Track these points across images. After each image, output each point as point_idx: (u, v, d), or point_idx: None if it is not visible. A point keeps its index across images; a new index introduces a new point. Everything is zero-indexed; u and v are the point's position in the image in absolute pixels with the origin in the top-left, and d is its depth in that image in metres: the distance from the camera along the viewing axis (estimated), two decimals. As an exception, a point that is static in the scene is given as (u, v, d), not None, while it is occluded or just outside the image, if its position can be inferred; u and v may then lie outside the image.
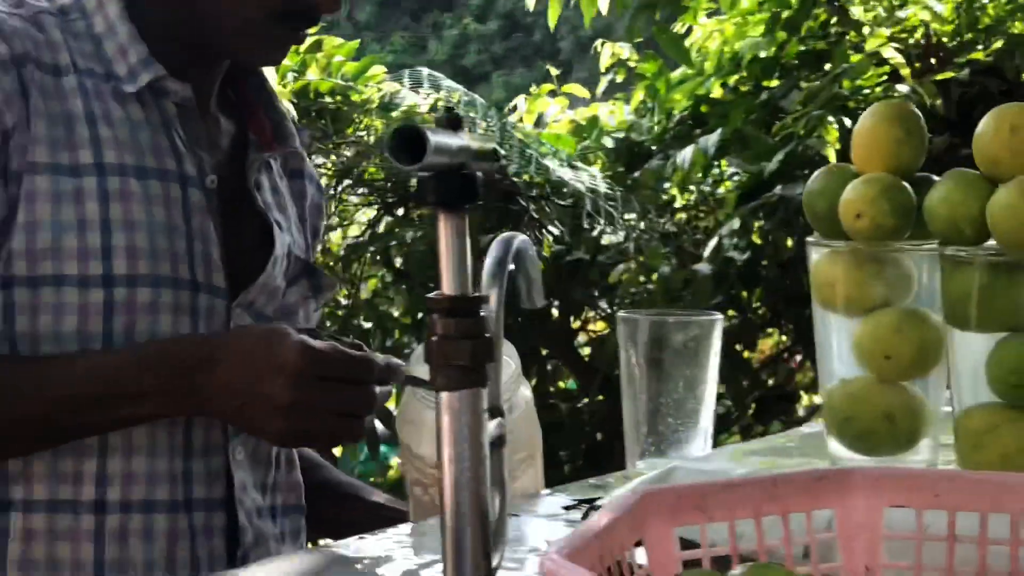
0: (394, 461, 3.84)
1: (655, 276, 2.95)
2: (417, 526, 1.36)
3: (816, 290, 1.11)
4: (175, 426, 1.35)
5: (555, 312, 3.41)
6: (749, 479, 0.94)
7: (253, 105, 1.52)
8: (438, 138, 1.01)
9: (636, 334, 1.44)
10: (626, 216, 3.33)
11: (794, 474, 0.94)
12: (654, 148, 3.81)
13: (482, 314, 1.09)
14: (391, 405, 2.64)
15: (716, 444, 1.46)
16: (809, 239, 1.12)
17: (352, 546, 1.30)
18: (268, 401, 1.25)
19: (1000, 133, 0.99)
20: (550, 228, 3.27)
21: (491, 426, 1.19)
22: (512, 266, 1.17)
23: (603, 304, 3.28)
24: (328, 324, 3.34)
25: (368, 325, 3.48)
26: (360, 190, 3.43)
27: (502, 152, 2.98)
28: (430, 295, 1.10)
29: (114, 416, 1.30)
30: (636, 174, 3.67)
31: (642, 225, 3.38)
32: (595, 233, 2.99)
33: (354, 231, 3.52)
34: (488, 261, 1.21)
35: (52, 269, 1.30)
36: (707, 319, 1.43)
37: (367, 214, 3.46)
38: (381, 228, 3.42)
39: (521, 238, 1.26)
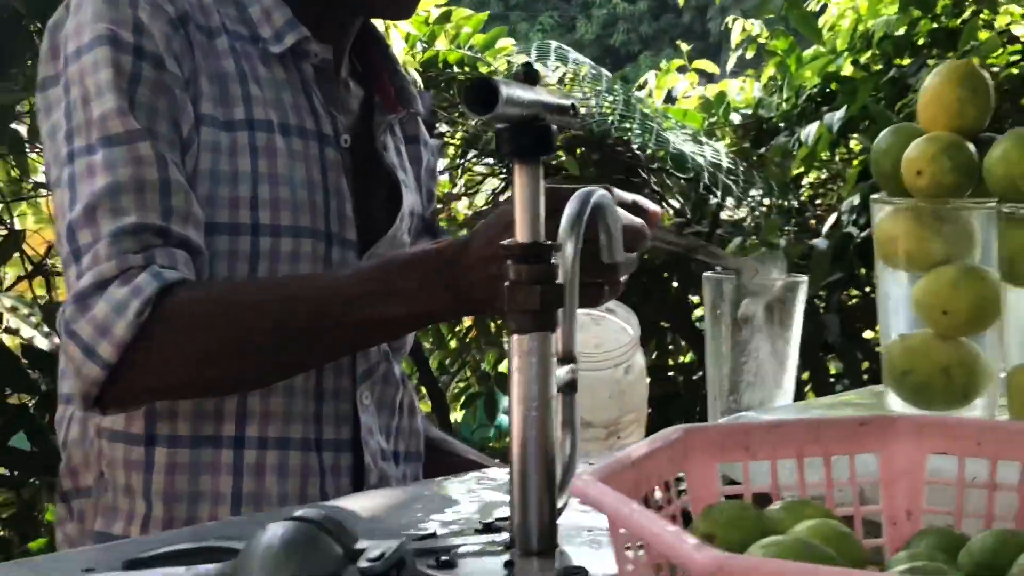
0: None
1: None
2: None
3: (879, 247, 1.13)
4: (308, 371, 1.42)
5: (674, 285, 3.43)
6: (793, 421, 0.98)
7: (379, 70, 1.61)
8: (511, 90, 1.07)
9: (720, 295, 1.48)
10: (752, 192, 3.34)
11: (838, 419, 0.97)
12: (782, 125, 3.79)
13: (553, 262, 1.13)
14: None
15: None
16: (873, 196, 1.14)
17: (434, 484, 1.36)
18: (493, 277, 1.24)
19: (1058, 93, 1.00)
20: (671, 201, 3.29)
21: (562, 371, 1.24)
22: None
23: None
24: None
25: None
26: (487, 160, 3.48)
27: (611, 117, 3.01)
28: (503, 242, 1.14)
29: (377, 316, 1.31)
30: (763, 150, 3.67)
31: (766, 201, 3.38)
32: (713, 207, 3.00)
33: (480, 201, 3.58)
34: (566, 213, 1.25)
35: (207, 217, 1.38)
36: (790, 281, 1.46)
37: (492, 184, 3.51)
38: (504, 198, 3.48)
39: (601, 192, 1.30)
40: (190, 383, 1.36)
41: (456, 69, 3.28)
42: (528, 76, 1.12)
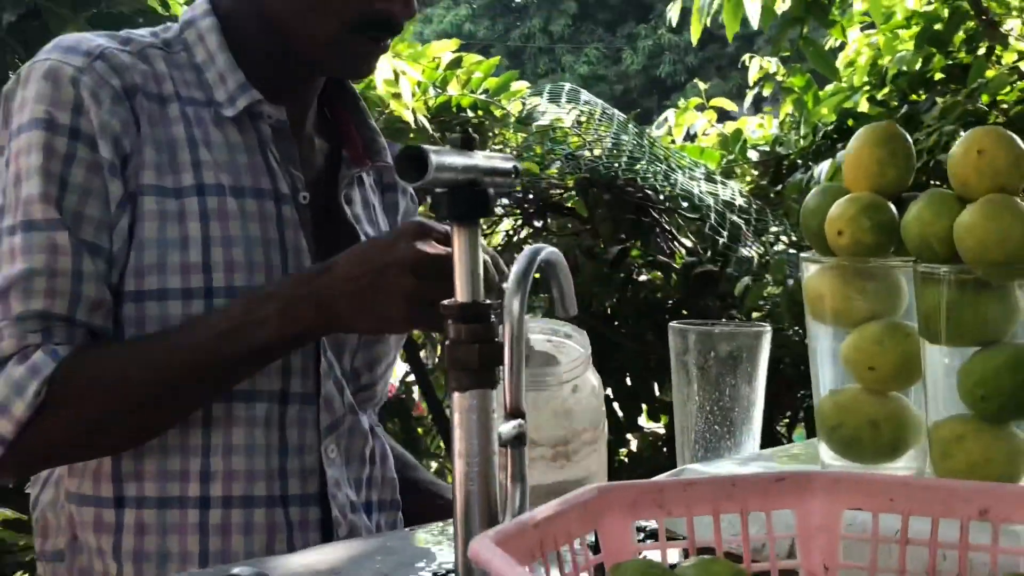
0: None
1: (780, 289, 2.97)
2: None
3: (808, 303, 1.16)
4: (271, 427, 1.45)
5: (687, 322, 3.44)
6: (709, 478, 1.00)
7: (347, 123, 1.63)
8: (441, 158, 1.10)
9: (685, 343, 1.50)
10: (772, 229, 3.36)
11: (754, 475, 0.99)
12: (799, 161, 3.81)
13: (492, 320, 1.16)
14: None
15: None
16: (802, 255, 1.17)
17: (401, 536, 1.39)
18: (392, 288, 1.32)
19: (969, 154, 1.02)
20: (683, 240, 3.31)
21: (508, 426, 1.27)
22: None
23: (734, 315, 3.31)
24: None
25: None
26: (502, 201, 3.52)
27: (621, 158, 3.04)
28: (444, 302, 1.18)
29: (247, 346, 1.37)
30: (780, 187, 3.70)
31: (783, 238, 3.40)
32: (722, 246, 3.02)
33: (497, 240, 3.62)
34: (513, 270, 1.28)
35: (157, 284, 1.40)
36: (754, 331, 1.48)
37: (508, 224, 3.56)
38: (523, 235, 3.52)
39: (549, 249, 1.33)
40: (84, 449, 1.41)
41: (470, 113, 3.32)
42: (465, 142, 1.15)
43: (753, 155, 3.88)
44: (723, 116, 4.54)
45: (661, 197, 3.20)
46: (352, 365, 1.55)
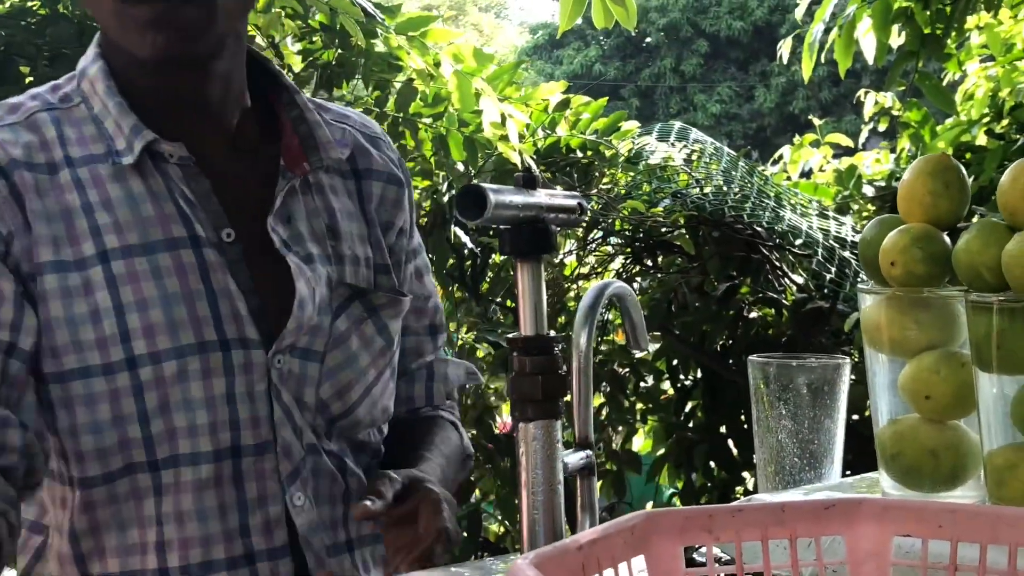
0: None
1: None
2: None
3: (865, 334, 1.17)
4: (222, 486, 1.36)
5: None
6: (758, 504, 1.02)
7: (282, 124, 1.48)
8: (501, 196, 1.14)
9: (766, 376, 1.52)
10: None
11: (803, 502, 1.01)
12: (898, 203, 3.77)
13: (555, 352, 1.20)
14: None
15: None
16: (859, 285, 1.18)
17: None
18: None
19: (1017, 183, 1.03)
20: (793, 276, 3.30)
21: (576, 457, 1.30)
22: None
23: (847, 352, 3.29)
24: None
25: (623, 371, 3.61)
26: (612, 240, 3.55)
27: (729, 196, 3.05)
28: (510, 335, 1.21)
29: None
30: (897, 223, 3.66)
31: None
32: (831, 282, 3.01)
33: (609, 277, 3.65)
34: (581, 305, 1.32)
35: (76, 363, 1.32)
36: (833, 363, 1.49)
37: (619, 263, 3.58)
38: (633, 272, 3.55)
39: (618, 284, 1.36)
40: None
41: (579, 153, 3.36)
42: (527, 181, 1.19)
43: (869, 190, 3.84)
44: (844, 152, 4.52)
45: (771, 233, 3.20)
46: (317, 398, 1.43)
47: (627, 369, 3.58)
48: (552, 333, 1.20)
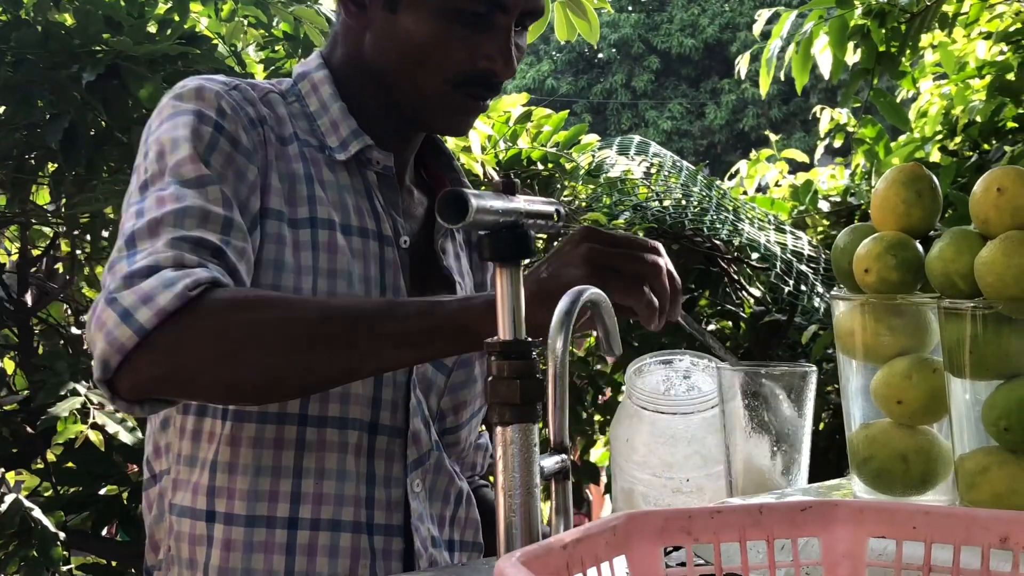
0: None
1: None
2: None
3: (838, 340, 1.19)
4: (360, 456, 1.49)
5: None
6: (736, 506, 1.03)
7: (442, 180, 1.71)
8: (482, 201, 1.15)
9: (731, 384, 1.54)
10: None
11: (780, 503, 1.02)
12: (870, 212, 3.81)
13: (533, 357, 1.20)
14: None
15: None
16: (832, 292, 1.20)
17: (475, 568, 1.41)
18: (569, 257, 1.36)
19: (989, 192, 1.06)
20: (751, 289, 3.33)
21: (552, 461, 1.31)
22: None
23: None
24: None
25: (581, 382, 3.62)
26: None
27: (688, 209, 3.07)
28: (488, 339, 1.22)
29: (408, 327, 1.36)
30: (851, 237, 3.70)
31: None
32: (789, 295, 3.04)
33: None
34: (557, 310, 1.33)
35: None
36: (799, 371, 1.51)
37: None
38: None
39: (593, 290, 1.37)
40: (207, 374, 1.34)
41: (540, 166, 3.38)
42: (506, 187, 1.20)
43: (824, 205, 3.89)
44: (799, 167, 4.57)
45: (729, 247, 3.22)
46: (439, 406, 1.59)
47: (585, 381, 3.59)
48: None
